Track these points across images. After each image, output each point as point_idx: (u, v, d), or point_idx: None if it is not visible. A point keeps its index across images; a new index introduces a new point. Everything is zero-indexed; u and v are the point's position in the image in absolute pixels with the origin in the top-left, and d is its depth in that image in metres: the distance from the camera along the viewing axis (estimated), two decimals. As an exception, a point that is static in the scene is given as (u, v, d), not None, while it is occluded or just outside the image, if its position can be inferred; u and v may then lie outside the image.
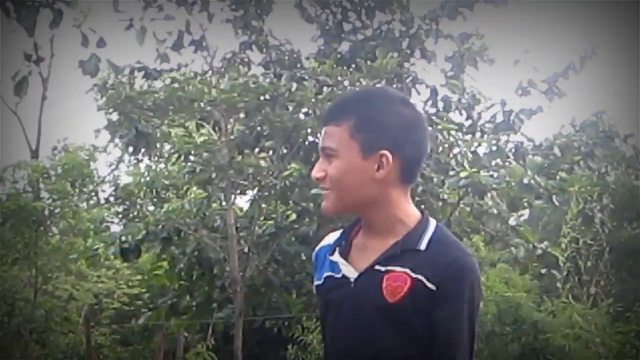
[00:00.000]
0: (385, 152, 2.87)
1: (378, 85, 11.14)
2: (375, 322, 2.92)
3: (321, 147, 3.00)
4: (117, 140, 15.29)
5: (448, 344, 2.85)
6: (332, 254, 3.14)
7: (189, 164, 15.02)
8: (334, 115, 3.06)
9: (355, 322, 2.98)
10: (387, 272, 2.88)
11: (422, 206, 11.05)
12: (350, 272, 3.00)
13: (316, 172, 3.00)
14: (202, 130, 14.15)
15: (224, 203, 15.47)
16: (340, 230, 3.28)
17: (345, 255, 3.07)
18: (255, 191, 15.84)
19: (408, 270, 2.86)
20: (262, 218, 15.54)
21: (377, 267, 2.89)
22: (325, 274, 3.18)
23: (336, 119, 2.99)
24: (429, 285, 2.79)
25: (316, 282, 3.27)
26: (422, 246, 2.89)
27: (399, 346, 2.86)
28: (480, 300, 3.14)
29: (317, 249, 3.40)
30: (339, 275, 3.05)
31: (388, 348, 2.90)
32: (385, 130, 2.92)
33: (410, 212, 3.04)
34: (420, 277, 2.80)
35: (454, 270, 2.89)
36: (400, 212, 3.01)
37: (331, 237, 3.30)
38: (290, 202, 15.27)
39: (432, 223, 2.99)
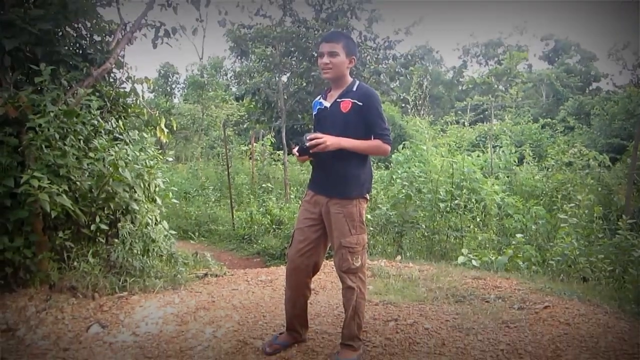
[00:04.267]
0: (353, 56, 3.27)
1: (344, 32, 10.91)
2: (340, 122, 3.20)
3: (328, 51, 3.20)
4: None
5: (375, 122, 3.18)
6: (319, 99, 3.40)
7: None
8: (333, 39, 3.23)
9: (332, 125, 3.23)
10: (341, 101, 3.23)
11: (359, 77, 11.15)
12: (327, 104, 3.31)
13: (326, 61, 3.21)
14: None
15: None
16: (321, 94, 3.45)
17: (325, 99, 3.36)
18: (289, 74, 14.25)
19: (349, 99, 3.20)
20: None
21: (337, 100, 3.25)
22: (317, 108, 3.39)
23: (335, 41, 3.21)
24: (359, 103, 3.16)
25: (313, 113, 3.44)
26: (354, 88, 3.24)
27: (351, 134, 3.15)
28: (381, 104, 3.36)
29: (313, 102, 3.49)
30: (322, 107, 3.34)
31: (348, 135, 3.14)
32: (352, 49, 3.23)
33: (350, 78, 3.31)
34: (355, 100, 3.18)
35: (368, 95, 3.20)
36: (347, 79, 3.29)
37: (318, 97, 3.44)
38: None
39: (358, 81, 3.30)
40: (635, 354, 3.24)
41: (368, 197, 3.37)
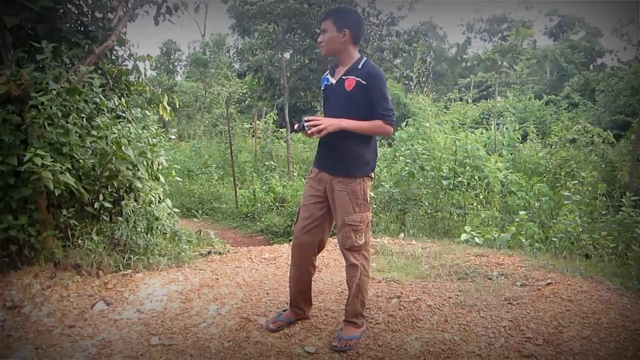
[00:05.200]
0: (346, 29, 3.16)
1: (341, 6, 10.54)
2: (343, 101, 3.19)
3: (321, 29, 3.24)
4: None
5: (378, 102, 3.11)
6: (327, 74, 3.37)
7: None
8: (324, 17, 3.27)
9: (335, 102, 3.25)
10: (346, 78, 3.16)
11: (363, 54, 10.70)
12: (333, 80, 3.28)
13: (320, 39, 3.25)
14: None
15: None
16: (330, 69, 3.40)
17: (332, 75, 3.33)
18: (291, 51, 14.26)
19: (354, 77, 3.14)
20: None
21: (343, 77, 3.20)
22: (324, 84, 3.38)
23: (325, 18, 3.23)
24: (363, 82, 3.10)
25: (322, 88, 3.42)
26: (359, 66, 3.17)
27: (354, 113, 3.13)
28: (386, 84, 3.27)
29: (322, 77, 3.47)
30: (329, 83, 3.31)
31: (351, 114, 3.13)
32: (345, 23, 3.14)
33: (356, 55, 3.24)
34: (359, 79, 3.11)
35: (373, 74, 3.14)
36: (352, 55, 3.22)
37: (326, 72, 3.41)
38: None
39: (364, 58, 3.24)
40: (638, 330, 3.25)
41: (372, 176, 3.35)
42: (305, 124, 3.05)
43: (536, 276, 4.32)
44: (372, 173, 3.34)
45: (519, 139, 13.12)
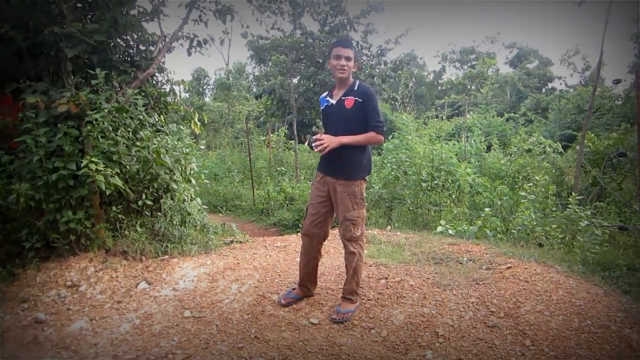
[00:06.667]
0: (356, 62, 3.20)
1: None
2: (343, 118, 3.15)
3: (345, 56, 3.12)
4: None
5: (372, 115, 3.09)
6: (326, 96, 3.31)
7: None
8: (349, 46, 3.13)
9: (336, 119, 3.19)
10: (345, 99, 3.14)
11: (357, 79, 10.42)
12: (333, 101, 3.23)
13: (343, 63, 3.11)
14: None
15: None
16: (327, 92, 3.35)
17: (331, 97, 3.28)
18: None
19: (352, 96, 3.12)
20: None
21: (342, 97, 3.17)
22: (324, 105, 3.31)
23: (350, 47, 3.13)
24: (359, 100, 3.09)
25: (321, 109, 3.35)
26: (355, 88, 3.15)
27: (353, 128, 3.11)
28: (377, 100, 3.21)
29: (321, 97, 3.38)
30: (329, 103, 3.26)
31: (350, 127, 3.11)
32: (357, 56, 3.24)
33: (352, 79, 3.22)
34: (356, 98, 3.10)
35: (367, 93, 3.11)
36: (351, 80, 3.20)
37: (325, 94, 3.35)
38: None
39: (358, 81, 3.21)
40: (582, 306, 3.24)
41: (367, 179, 3.35)
42: (313, 144, 3.06)
43: (498, 261, 4.30)
44: (367, 176, 3.33)
45: (484, 149, 13.14)
